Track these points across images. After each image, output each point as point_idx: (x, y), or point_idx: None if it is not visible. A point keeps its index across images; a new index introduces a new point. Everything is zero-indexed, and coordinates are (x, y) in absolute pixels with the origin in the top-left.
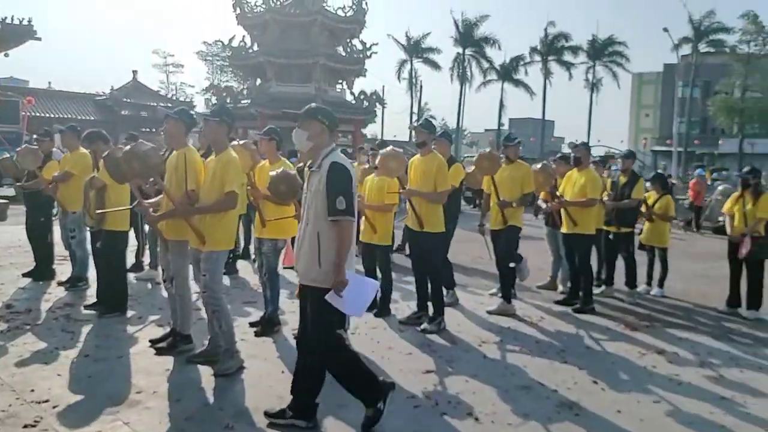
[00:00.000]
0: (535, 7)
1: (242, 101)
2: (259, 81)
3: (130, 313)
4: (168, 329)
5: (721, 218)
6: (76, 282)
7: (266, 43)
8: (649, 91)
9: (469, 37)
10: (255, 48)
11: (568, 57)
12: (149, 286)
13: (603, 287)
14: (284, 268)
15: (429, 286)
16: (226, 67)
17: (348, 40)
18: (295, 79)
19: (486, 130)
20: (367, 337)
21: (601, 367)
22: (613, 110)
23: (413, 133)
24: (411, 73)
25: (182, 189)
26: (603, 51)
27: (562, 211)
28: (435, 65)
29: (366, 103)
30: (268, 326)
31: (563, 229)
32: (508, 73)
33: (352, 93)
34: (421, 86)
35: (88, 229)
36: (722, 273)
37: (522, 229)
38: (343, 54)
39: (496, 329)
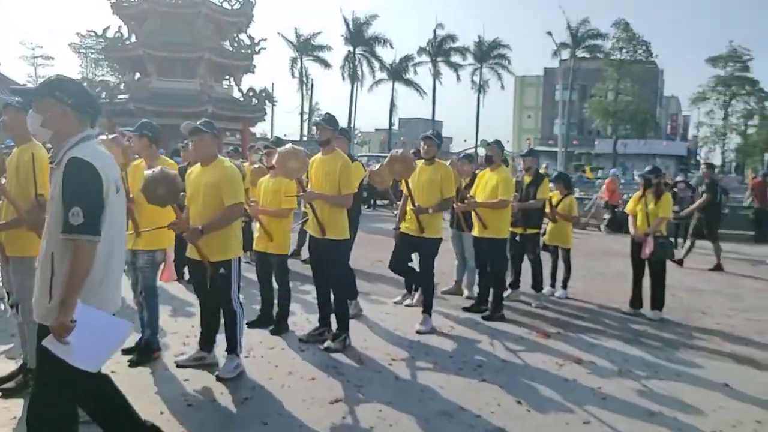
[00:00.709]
0: (425, 6)
1: (119, 96)
2: (138, 75)
3: None
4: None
5: (606, 216)
6: None
7: (145, 34)
8: (531, 93)
9: (359, 36)
10: (133, 40)
11: (455, 58)
12: (1, 307)
13: (510, 290)
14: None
15: (332, 297)
16: (102, 60)
17: (235, 35)
18: (178, 74)
19: (377, 129)
20: (264, 360)
21: (521, 384)
22: (499, 111)
23: (315, 130)
24: (301, 71)
25: (30, 194)
26: (489, 53)
27: (473, 213)
28: (326, 63)
29: (255, 101)
30: (144, 354)
31: (474, 233)
32: (398, 72)
33: (240, 90)
34: (312, 85)
35: None
36: (616, 270)
37: (442, 239)
38: (230, 49)
39: (406, 343)
